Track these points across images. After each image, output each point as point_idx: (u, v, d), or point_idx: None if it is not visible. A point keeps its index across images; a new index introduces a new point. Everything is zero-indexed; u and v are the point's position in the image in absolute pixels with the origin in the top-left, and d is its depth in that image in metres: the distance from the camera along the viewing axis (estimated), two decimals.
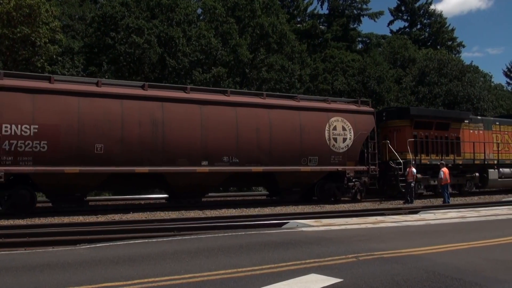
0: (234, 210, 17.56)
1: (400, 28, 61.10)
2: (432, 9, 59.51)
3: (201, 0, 36.25)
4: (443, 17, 58.92)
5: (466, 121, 25.64)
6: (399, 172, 21.95)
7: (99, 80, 16.78)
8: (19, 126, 14.76)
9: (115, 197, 21.74)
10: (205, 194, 19.52)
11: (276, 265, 6.96)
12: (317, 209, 18.38)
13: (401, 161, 21.98)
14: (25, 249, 9.11)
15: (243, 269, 6.67)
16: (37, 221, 14.11)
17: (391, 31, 60.76)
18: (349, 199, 21.24)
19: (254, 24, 34.91)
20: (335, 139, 20.21)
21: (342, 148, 20.41)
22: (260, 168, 18.60)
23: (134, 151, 16.34)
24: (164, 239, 9.86)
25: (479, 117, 27.72)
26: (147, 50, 28.63)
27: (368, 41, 55.49)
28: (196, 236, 10.12)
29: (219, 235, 10.28)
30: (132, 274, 6.39)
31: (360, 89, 38.79)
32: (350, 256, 7.62)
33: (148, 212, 16.38)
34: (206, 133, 17.52)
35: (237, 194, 25.03)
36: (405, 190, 21.14)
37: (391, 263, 7.19)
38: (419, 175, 22.48)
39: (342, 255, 7.69)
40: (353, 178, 20.79)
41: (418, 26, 59.96)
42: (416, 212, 15.95)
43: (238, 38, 33.45)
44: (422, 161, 23.16)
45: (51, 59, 26.02)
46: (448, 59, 42.99)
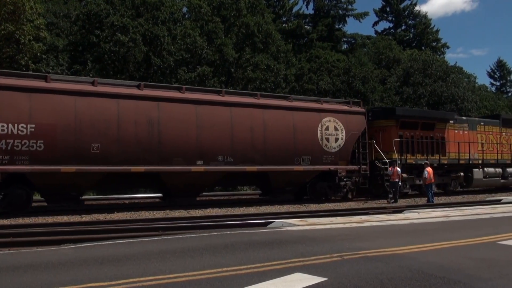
0: (219, 210, 17.98)
1: (385, 29, 62.73)
2: (416, 10, 61.41)
3: None
4: (428, 18, 60.77)
5: (451, 121, 26.69)
6: (384, 172, 22.74)
7: (95, 80, 17.27)
8: (16, 125, 15.12)
9: (107, 196, 22.11)
10: (200, 193, 20.17)
11: (261, 264, 7.09)
12: (302, 208, 18.87)
13: (387, 160, 22.76)
14: (8, 250, 9.14)
15: (228, 269, 6.77)
16: (21, 221, 14.26)
17: (376, 32, 62.43)
18: (341, 198, 22.08)
19: (240, 23, 35.70)
20: (327, 139, 21.10)
21: (334, 148, 21.32)
22: (254, 168, 19.33)
23: (130, 150, 16.84)
24: (149, 239, 9.96)
25: (464, 118, 28.78)
26: (132, 48, 29.11)
27: (353, 42, 56.76)
28: (181, 236, 10.24)
29: (204, 234, 10.43)
30: (117, 274, 6.46)
31: (345, 89, 39.80)
32: (334, 255, 7.77)
33: (133, 212, 16.75)
34: (201, 132, 18.16)
35: (222, 194, 25.48)
36: (390, 190, 21.82)
37: (376, 262, 7.34)
38: (404, 175, 23.47)
39: (327, 254, 7.83)
40: (344, 177, 21.68)
41: (403, 27, 61.62)
42: (400, 212, 16.43)
43: (223, 37, 34.15)
44: (408, 161, 23.96)
45: (36, 57, 26.28)
46: (432, 60, 44.22)
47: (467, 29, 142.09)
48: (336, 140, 21.39)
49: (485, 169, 27.63)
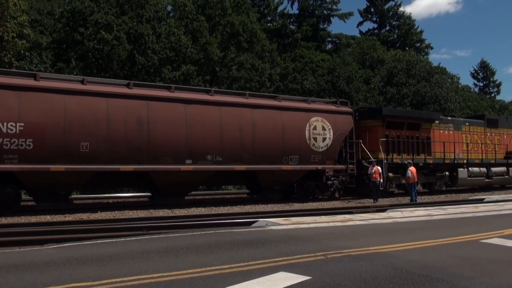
0: (203, 209, 18.10)
1: (369, 29, 63.79)
2: (401, 11, 62.63)
3: None
4: (412, 19, 62.08)
5: (436, 121, 27.36)
6: (366, 171, 23.07)
7: (85, 78, 17.38)
8: (5, 124, 15.19)
9: (95, 195, 22.21)
10: (188, 192, 20.45)
11: (245, 263, 7.12)
12: (287, 207, 19.08)
13: (373, 160, 23.15)
14: None
15: (212, 268, 6.80)
16: (4, 220, 14.19)
17: (361, 32, 63.42)
18: (328, 197, 22.51)
19: (225, 22, 36.01)
20: (315, 139, 21.56)
21: (322, 148, 21.78)
22: (243, 167, 19.69)
23: (120, 149, 17.02)
24: (133, 238, 9.96)
25: (449, 118, 29.50)
26: (116, 46, 29.22)
27: (337, 42, 57.57)
28: (165, 235, 10.26)
29: (188, 234, 10.43)
30: (100, 274, 6.47)
31: (330, 89, 40.38)
32: (318, 254, 7.81)
33: (116, 211, 16.81)
34: (191, 132, 18.41)
35: (206, 193, 25.63)
36: (372, 189, 22.23)
37: (359, 260, 7.43)
38: (390, 174, 24.07)
39: (311, 253, 7.87)
40: (332, 176, 22.16)
41: (387, 28, 62.77)
42: (383, 211, 16.69)
43: (208, 36, 34.42)
44: (394, 160, 24.46)
45: (19, 54, 26.24)
46: (416, 60, 45.13)
47: (451, 30, 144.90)
48: (324, 139, 21.86)
49: (470, 168, 28.35)
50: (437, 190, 27.15)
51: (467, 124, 29.60)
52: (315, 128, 21.61)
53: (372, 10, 62.83)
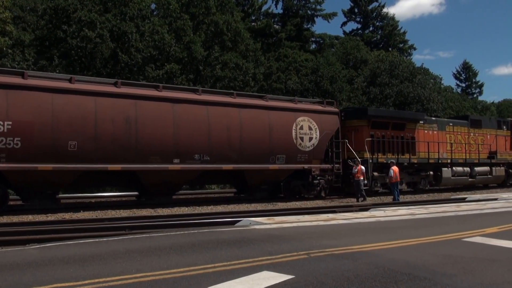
0: (186, 209, 18.25)
1: (353, 30, 64.56)
2: (384, 12, 63.60)
3: None
4: (395, 20, 63.11)
5: (421, 121, 28.02)
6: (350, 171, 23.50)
7: (73, 77, 17.47)
8: None
9: (83, 194, 22.27)
10: (176, 191, 20.68)
11: (228, 263, 7.20)
12: (270, 207, 19.31)
13: (359, 160, 23.62)
14: None
15: (196, 268, 6.85)
16: None
17: (344, 32, 64.15)
18: (314, 196, 22.87)
19: (209, 21, 36.16)
20: (301, 138, 21.95)
21: (308, 147, 22.19)
22: (230, 166, 19.99)
23: (107, 148, 17.16)
24: (116, 238, 9.99)
25: (433, 118, 30.15)
26: (99, 44, 29.21)
27: (321, 42, 58.14)
28: (148, 235, 10.32)
29: (171, 233, 10.49)
30: (83, 274, 6.50)
31: (313, 89, 40.87)
32: (301, 253, 7.91)
33: (99, 211, 16.92)
34: (178, 131, 18.63)
35: (190, 192, 25.81)
36: (355, 188, 22.58)
37: (342, 259, 7.53)
38: (375, 173, 24.58)
39: (294, 252, 7.97)
40: (318, 176, 22.57)
41: (371, 28, 63.69)
42: (366, 210, 16.97)
43: (192, 35, 34.54)
44: (379, 160, 24.97)
45: (1, 51, 26.17)
46: (399, 61, 45.78)
47: (435, 32, 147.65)
48: (310, 139, 22.26)
49: (453, 168, 29.06)
50: (421, 189, 27.74)
51: (451, 124, 30.30)
52: (301, 128, 22.00)
53: (356, 10, 63.70)
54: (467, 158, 30.34)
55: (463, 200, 22.39)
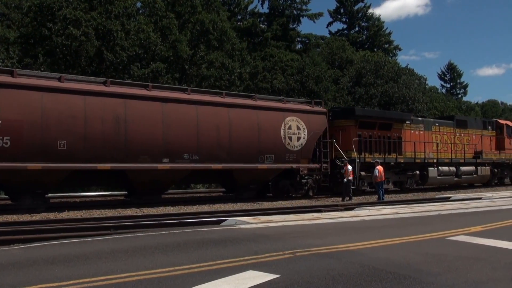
0: (172, 208, 18.41)
1: (338, 30, 65.08)
2: (370, 12, 64.23)
3: None
4: (381, 21, 63.88)
5: (407, 122, 28.58)
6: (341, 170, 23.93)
7: (62, 76, 17.58)
8: None
9: (72, 194, 22.34)
10: (165, 191, 20.89)
11: (214, 262, 7.27)
12: (256, 206, 19.50)
13: (347, 159, 23.97)
14: None
15: (181, 267, 6.90)
16: None
17: (330, 33, 64.68)
18: (302, 195, 23.27)
19: (195, 20, 36.29)
20: (290, 138, 22.31)
21: (297, 147, 22.54)
22: (219, 166, 20.24)
23: (97, 147, 17.30)
24: (100, 238, 10.04)
25: (419, 118, 30.68)
26: (84, 42, 29.20)
27: (307, 42, 58.51)
28: (133, 235, 10.36)
29: (156, 233, 10.56)
30: (68, 274, 6.51)
31: (299, 89, 41.26)
32: (287, 252, 8.02)
33: (83, 211, 16.99)
34: (168, 130, 18.82)
35: (175, 192, 25.90)
36: (344, 187, 22.87)
37: (327, 258, 7.62)
38: (362, 173, 25.01)
39: (279, 251, 8.07)
40: (306, 175, 22.96)
41: (356, 29, 64.28)
42: (351, 209, 17.25)
43: (177, 33, 34.66)
44: (366, 160, 25.40)
45: None
46: (384, 61, 46.41)
47: (420, 33, 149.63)
48: (299, 139, 22.61)
49: (439, 167, 29.69)
50: (407, 188, 28.28)
51: (437, 124, 30.92)
52: (290, 128, 22.35)
53: (342, 11, 64.25)
54: (453, 158, 30.99)
55: (447, 199, 22.80)
